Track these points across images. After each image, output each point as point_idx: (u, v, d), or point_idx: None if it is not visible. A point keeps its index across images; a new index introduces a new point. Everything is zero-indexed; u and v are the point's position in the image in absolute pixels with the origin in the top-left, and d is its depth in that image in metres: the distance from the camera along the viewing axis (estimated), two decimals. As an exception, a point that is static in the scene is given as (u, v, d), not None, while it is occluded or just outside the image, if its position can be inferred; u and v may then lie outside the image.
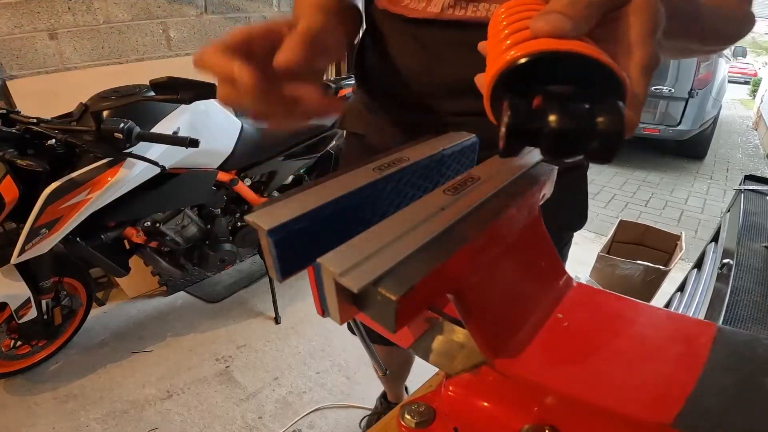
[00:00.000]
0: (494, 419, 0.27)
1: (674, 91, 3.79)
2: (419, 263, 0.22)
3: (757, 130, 6.18)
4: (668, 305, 1.38)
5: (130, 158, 1.30)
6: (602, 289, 0.34)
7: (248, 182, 1.72)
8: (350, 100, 0.70)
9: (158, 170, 1.37)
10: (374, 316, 0.21)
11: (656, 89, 3.83)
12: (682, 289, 1.40)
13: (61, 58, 1.74)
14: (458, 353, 0.29)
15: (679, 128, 3.89)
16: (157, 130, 1.33)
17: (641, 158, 4.46)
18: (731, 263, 1.03)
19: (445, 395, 0.28)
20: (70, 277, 1.57)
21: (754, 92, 8.69)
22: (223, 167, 1.61)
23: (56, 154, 1.27)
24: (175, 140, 1.21)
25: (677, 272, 1.88)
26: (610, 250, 2.16)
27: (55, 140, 1.24)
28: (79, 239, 1.41)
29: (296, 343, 1.80)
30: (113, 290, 2.03)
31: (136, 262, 1.68)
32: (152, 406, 1.50)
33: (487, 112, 0.24)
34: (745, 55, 8.46)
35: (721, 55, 4.02)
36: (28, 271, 1.39)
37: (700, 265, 1.36)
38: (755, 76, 10.31)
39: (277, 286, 1.91)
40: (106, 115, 1.24)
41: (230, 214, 1.78)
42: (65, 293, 1.58)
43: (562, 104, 0.20)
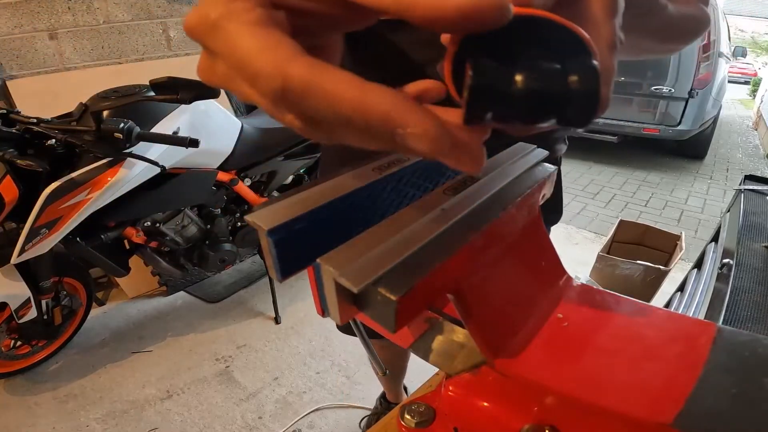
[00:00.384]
0: (494, 419, 0.27)
1: (674, 91, 3.79)
2: (419, 263, 0.22)
3: (757, 130, 6.18)
4: (668, 305, 1.38)
5: (130, 158, 1.30)
6: (602, 289, 0.34)
7: (248, 182, 1.72)
8: None
9: (158, 170, 1.37)
10: (374, 316, 0.21)
11: (656, 89, 3.84)
12: (682, 289, 1.40)
13: (61, 58, 1.74)
14: (458, 353, 0.29)
15: (679, 128, 3.89)
16: (157, 130, 1.33)
17: (641, 158, 4.46)
18: (731, 263, 1.03)
19: (445, 395, 0.28)
20: (70, 277, 1.57)
21: (754, 92, 8.70)
22: (223, 167, 1.61)
23: (56, 154, 1.27)
24: (175, 140, 1.22)
25: (677, 272, 1.88)
26: (610, 250, 2.16)
27: (55, 140, 1.24)
28: (79, 239, 1.41)
29: (296, 343, 1.80)
30: (113, 290, 2.03)
31: (136, 262, 1.68)
32: (152, 406, 1.50)
33: (449, 88, 0.22)
34: (745, 55, 8.46)
35: (721, 55, 4.03)
36: (28, 271, 1.39)
37: (700, 265, 1.36)
38: (755, 76, 10.33)
39: (277, 286, 1.91)
40: (106, 115, 1.24)
41: (230, 214, 1.78)
42: (65, 293, 1.58)
43: (531, 63, 0.19)
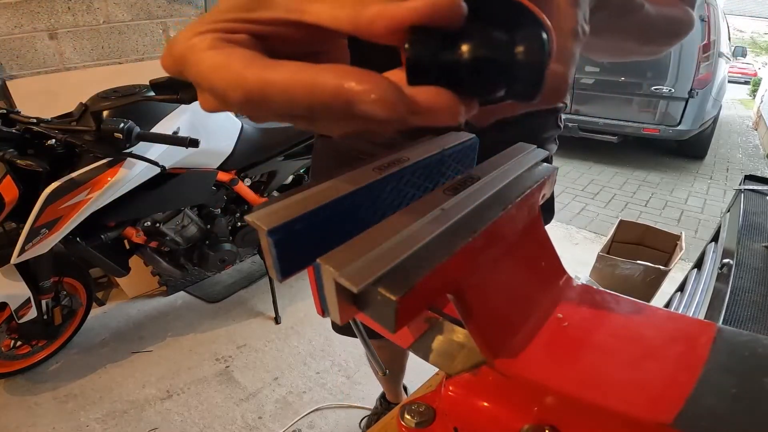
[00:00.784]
0: (494, 419, 0.27)
1: (674, 91, 3.79)
2: (419, 263, 0.22)
3: (757, 130, 6.18)
4: (668, 305, 1.38)
5: (130, 158, 1.30)
6: (602, 289, 0.34)
7: (248, 182, 1.72)
8: None
9: (158, 170, 1.37)
10: (374, 316, 0.21)
11: (656, 89, 3.84)
12: (682, 289, 1.40)
13: (61, 58, 1.74)
14: (458, 353, 0.29)
15: (679, 128, 3.89)
16: (157, 130, 1.33)
17: (641, 158, 4.46)
18: (731, 263, 1.03)
19: (445, 395, 0.28)
20: (70, 277, 1.57)
21: (754, 92, 8.70)
22: (223, 167, 1.61)
23: (56, 154, 1.27)
24: (175, 140, 1.22)
25: (677, 272, 1.88)
26: (610, 250, 2.16)
27: (55, 140, 1.24)
28: (79, 239, 1.41)
29: (296, 343, 1.80)
30: (113, 290, 2.03)
31: (136, 262, 1.68)
32: (152, 406, 1.50)
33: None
34: (745, 55, 8.46)
35: (721, 55, 4.03)
36: (28, 271, 1.39)
37: (700, 265, 1.36)
38: (755, 76, 10.33)
39: (277, 286, 1.91)
40: (106, 115, 1.24)
41: (230, 214, 1.78)
42: (65, 293, 1.58)
43: (479, 32, 0.17)
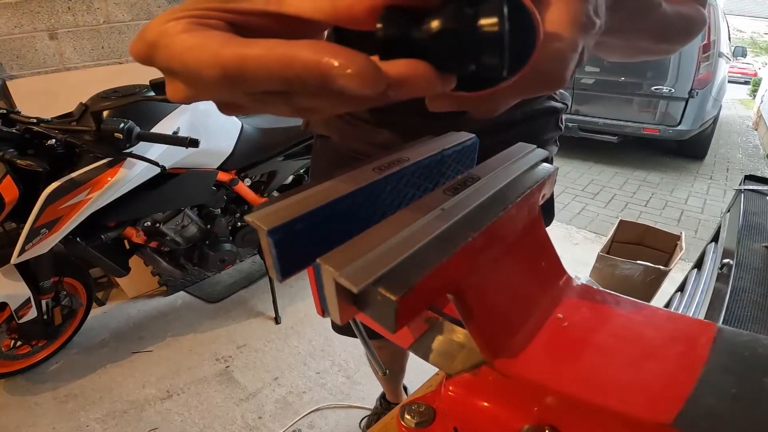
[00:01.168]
0: (494, 419, 0.27)
1: (674, 91, 3.79)
2: (419, 263, 0.22)
3: (757, 130, 6.18)
4: (668, 305, 1.38)
5: (130, 158, 1.30)
6: (602, 289, 0.34)
7: (248, 182, 1.72)
8: None
9: (158, 170, 1.37)
10: (374, 316, 0.21)
11: (656, 89, 3.84)
12: (682, 289, 1.40)
13: (61, 58, 1.74)
14: (458, 353, 0.29)
15: (679, 128, 3.89)
16: (157, 130, 1.33)
17: (641, 158, 4.46)
18: (731, 263, 1.03)
19: (445, 395, 0.28)
20: (70, 277, 1.57)
21: (754, 92, 8.70)
22: (223, 167, 1.61)
23: (56, 154, 1.27)
24: (175, 140, 1.22)
25: (677, 272, 1.88)
26: (610, 250, 2.16)
27: (55, 140, 1.24)
28: (79, 239, 1.41)
29: (296, 343, 1.80)
30: (113, 290, 2.03)
31: (136, 262, 1.68)
32: (152, 406, 1.50)
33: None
34: (745, 55, 8.46)
35: (721, 55, 4.03)
36: (28, 271, 1.39)
37: (700, 265, 1.36)
38: (755, 76, 10.33)
39: (277, 286, 1.91)
40: (106, 115, 1.24)
41: (230, 214, 1.78)
42: (65, 293, 1.58)
43: (444, 8, 0.18)
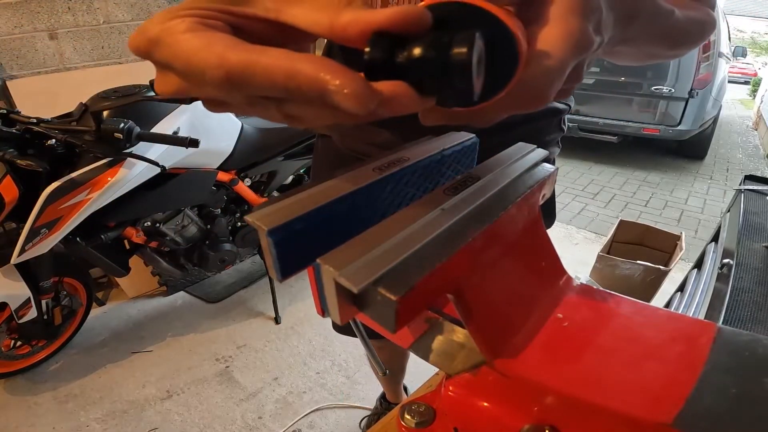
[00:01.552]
0: (494, 419, 0.27)
1: (674, 91, 3.79)
2: (419, 263, 0.22)
3: (757, 130, 6.18)
4: (668, 305, 1.38)
5: (130, 158, 1.30)
6: (602, 289, 0.34)
7: (248, 182, 1.72)
8: None
9: (158, 170, 1.37)
10: (374, 316, 0.21)
11: (656, 89, 3.84)
12: (682, 289, 1.40)
13: (61, 58, 1.74)
14: (458, 353, 0.29)
15: (679, 128, 3.89)
16: (157, 130, 1.33)
17: (641, 158, 4.46)
18: (731, 263, 1.03)
19: (445, 395, 0.28)
20: (70, 277, 1.57)
21: (754, 92, 8.70)
22: (223, 167, 1.61)
23: (56, 154, 1.27)
24: (175, 140, 1.22)
25: (677, 272, 1.88)
26: (610, 250, 2.16)
27: (55, 140, 1.24)
28: (79, 239, 1.41)
29: (296, 343, 1.80)
30: (113, 290, 2.03)
31: (136, 262, 1.68)
32: (152, 406, 1.50)
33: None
34: (745, 55, 8.46)
35: (721, 55, 4.03)
36: (28, 271, 1.39)
37: (700, 265, 1.36)
38: (755, 76, 10.33)
39: (277, 286, 1.91)
40: (106, 115, 1.24)
41: (230, 214, 1.78)
42: (65, 293, 1.58)
43: (425, 36, 0.20)
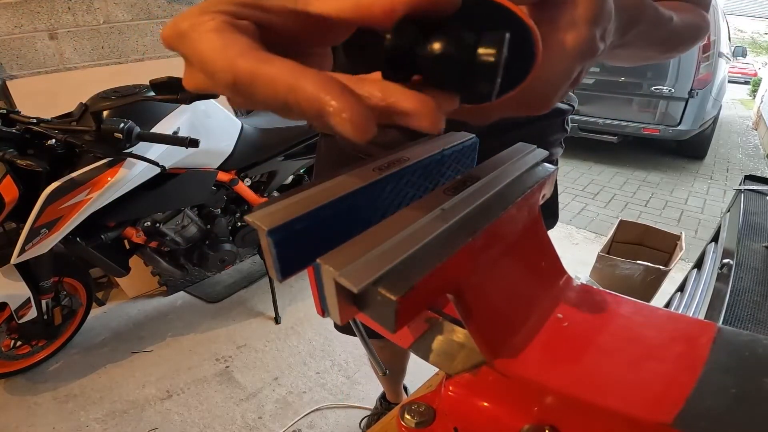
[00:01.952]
0: (494, 419, 0.27)
1: (674, 91, 3.79)
2: (419, 263, 0.22)
3: (757, 130, 6.18)
4: (668, 305, 1.38)
5: (130, 158, 1.30)
6: (602, 289, 0.34)
7: (248, 182, 1.72)
8: None
9: (158, 170, 1.37)
10: (374, 316, 0.21)
11: (656, 89, 3.84)
12: (682, 289, 1.40)
13: (61, 58, 1.74)
14: (458, 353, 0.29)
15: (679, 128, 3.89)
16: (157, 130, 1.33)
17: (641, 158, 4.46)
18: (731, 263, 1.03)
19: (445, 395, 0.28)
20: (70, 277, 1.57)
21: (754, 92, 8.70)
22: (223, 167, 1.61)
23: (56, 154, 1.27)
24: (175, 140, 1.22)
25: (677, 272, 1.88)
26: (610, 250, 2.16)
27: (55, 140, 1.24)
28: (79, 239, 1.41)
29: (296, 343, 1.80)
30: (113, 290, 2.03)
31: (136, 262, 1.68)
32: (152, 406, 1.50)
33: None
34: (745, 55, 8.46)
35: (721, 55, 4.03)
36: (28, 271, 1.39)
37: (700, 265, 1.36)
38: (755, 76, 10.33)
39: (277, 286, 1.91)
40: (106, 115, 1.24)
41: (230, 214, 1.78)
42: (65, 293, 1.58)
43: (454, 32, 0.19)
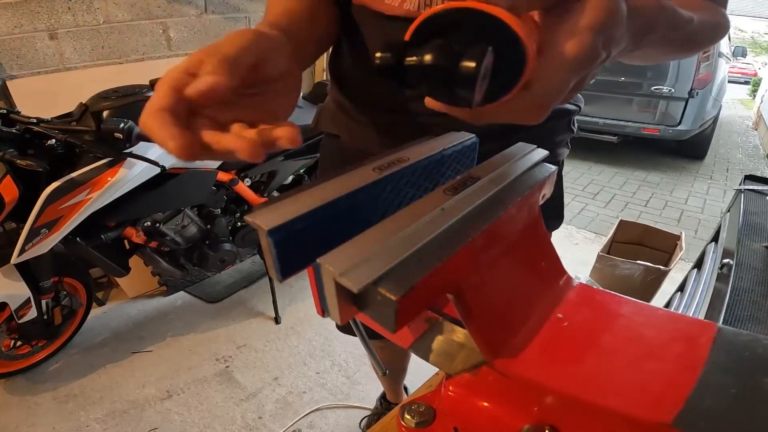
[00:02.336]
0: (494, 419, 0.27)
1: (674, 91, 3.79)
2: (419, 263, 0.22)
3: (757, 130, 6.18)
4: (668, 305, 1.38)
5: (130, 158, 1.30)
6: (602, 289, 0.34)
7: (248, 182, 1.72)
8: (326, 100, 0.70)
9: (158, 170, 1.37)
10: (374, 316, 0.21)
11: (656, 89, 3.84)
12: (682, 289, 1.40)
13: (61, 58, 1.74)
14: (458, 353, 0.29)
15: (679, 128, 3.89)
16: (157, 130, 1.33)
17: (641, 158, 4.46)
18: (731, 263, 1.03)
19: (445, 395, 0.28)
20: (70, 277, 1.57)
21: (754, 92, 8.69)
22: (223, 167, 1.61)
23: (56, 154, 1.27)
24: (175, 140, 1.21)
25: (677, 272, 1.88)
26: (610, 250, 2.16)
27: (55, 140, 1.24)
28: (79, 239, 1.41)
29: (296, 343, 1.80)
30: (113, 290, 2.03)
31: (136, 262, 1.68)
32: (152, 406, 1.50)
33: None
34: (745, 55, 8.46)
35: (721, 55, 4.03)
36: (28, 271, 1.39)
37: (700, 265, 1.36)
38: (755, 76, 10.32)
39: (277, 286, 1.91)
40: (106, 115, 1.24)
41: (230, 214, 1.78)
42: (65, 293, 1.58)
43: (443, 44, 0.22)
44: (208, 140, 0.28)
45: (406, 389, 1.41)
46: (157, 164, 1.32)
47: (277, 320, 1.89)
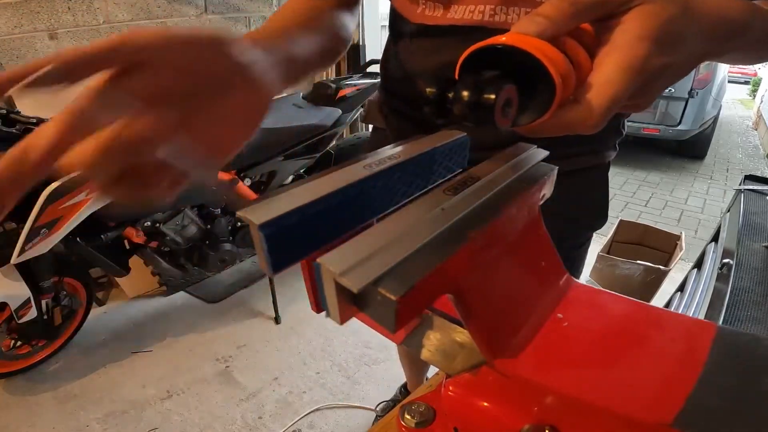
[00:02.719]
0: (494, 419, 0.27)
1: (674, 91, 3.79)
2: (419, 263, 0.22)
3: (757, 130, 6.18)
4: (668, 305, 1.38)
5: (130, 158, 1.30)
6: (602, 289, 0.34)
7: (248, 182, 1.72)
8: (374, 96, 0.73)
9: (158, 170, 1.37)
10: (374, 315, 0.21)
11: (656, 89, 3.84)
12: (682, 289, 1.40)
13: (61, 58, 1.74)
14: (458, 353, 0.29)
15: (679, 128, 3.89)
16: (157, 130, 1.33)
17: (641, 158, 4.46)
18: (731, 263, 1.03)
19: (445, 395, 0.28)
20: (70, 277, 1.57)
21: (754, 92, 8.70)
22: (223, 167, 1.61)
23: (56, 154, 1.27)
24: (175, 140, 1.21)
25: (677, 272, 1.88)
26: (610, 250, 2.16)
27: (55, 140, 1.24)
28: (79, 239, 1.41)
29: (296, 343, 1.80)
30: (113, 290, 2.03)
31: (136, 262, 1.68)
32: (152, 406, 1.50)
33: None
34: (745, 55, 8.43)
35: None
36: (28, 271, 1.39)
37: (700, 265, 1.36)
38: (755, 76, 10.31)
39: (277, 286, 1.91)
40: (106, 115, 1.24)
41: (230, 214, 1.78)
42: (65, 293, 1.58)
43: (475, 78, 0.25)
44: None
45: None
46: (157, 164, 1.32)
47: (277, 320, 1.89)
